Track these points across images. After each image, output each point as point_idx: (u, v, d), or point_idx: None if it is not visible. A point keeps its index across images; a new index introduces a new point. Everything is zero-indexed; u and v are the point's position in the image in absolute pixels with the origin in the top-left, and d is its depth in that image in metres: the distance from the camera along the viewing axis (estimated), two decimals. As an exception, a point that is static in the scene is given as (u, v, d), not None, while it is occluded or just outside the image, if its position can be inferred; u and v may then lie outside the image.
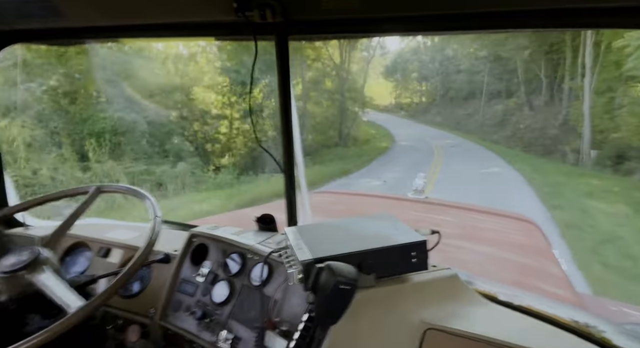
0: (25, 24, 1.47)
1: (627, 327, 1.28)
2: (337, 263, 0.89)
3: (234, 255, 1.31)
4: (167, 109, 12.23)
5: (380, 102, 38.41)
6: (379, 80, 40.56)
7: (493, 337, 0.88)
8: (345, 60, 22.16)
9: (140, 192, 1.33)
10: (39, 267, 1.10)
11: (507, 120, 22.30)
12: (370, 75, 35.18)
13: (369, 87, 35.25)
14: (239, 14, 1.12)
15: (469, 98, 27.65)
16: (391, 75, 39.53)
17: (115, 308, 1.41)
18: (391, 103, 39.56)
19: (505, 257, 2.31)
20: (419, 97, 36.84)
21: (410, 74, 36.67)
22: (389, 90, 40.39)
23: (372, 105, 34.50)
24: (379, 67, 39.61)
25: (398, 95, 39.61)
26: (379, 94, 38.82)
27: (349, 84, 22.89)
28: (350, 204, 3.43)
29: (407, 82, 37.98)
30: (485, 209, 3.29)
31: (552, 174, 12.92)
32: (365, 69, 29.88)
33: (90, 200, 1.34)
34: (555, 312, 1.06)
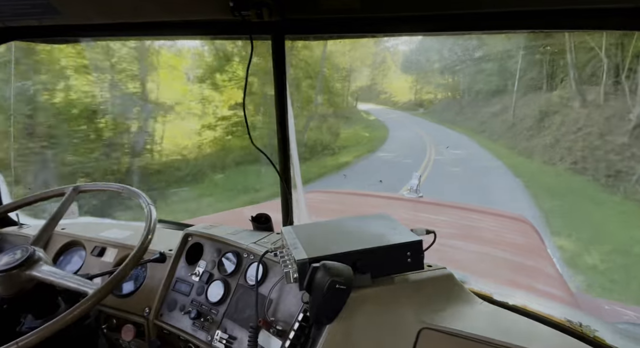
0: (21, 21, 1.46)
1: (620, 326, 1.29)
2: (333, 263, 0.89)
3: (229, 254, 1.30)
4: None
5: (399, 98, 34.30)
6: (399, 75, 35.79)
7: (488, 336, 0.88)
8: (326, 57, 19.44)
9: (132, 190, 1.33)
10: (36, 263, 1.09)
11: (547, 121, 15.03)
12: (391, 69, 33.35)
13: (389, 82, 33.90)
14: (235, 13, 1.12)
15: (498, 92, 21.01)
16: (410, 67, 33.27)
17: (109, 307, 1.40)
18: (411, 99, 33.92)
19: (500, 257, 2.32)
20: (443, 91, 30.56)
21: (432, 65, 29.48)
22: (409, 84, 34.91)
23: (390, 103, 33.15)
24: (400, 59, 34.44)
25: (419, 91, 33.70)
26: (400, 89, 34.74)
27: (333, 82, 20.37)
28: (346, 203, 3.44)
29: (429, 75, 31.35)
30: (480, 208, 3.30)
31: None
32: (374, 64, 28.49)
33: (68, 201, 1.34)
34: (549, 312, 1.07)
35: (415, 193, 3.41)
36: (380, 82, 35.02)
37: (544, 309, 1.08)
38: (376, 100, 34.35)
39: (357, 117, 23.88)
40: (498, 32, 1.11)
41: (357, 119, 23.45)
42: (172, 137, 10.35)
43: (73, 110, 8.16)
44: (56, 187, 1.40)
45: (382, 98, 34.64)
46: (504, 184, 10.04)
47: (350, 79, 24.25)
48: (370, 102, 33.42)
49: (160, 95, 10.35)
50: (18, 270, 1.07)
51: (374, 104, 33.30)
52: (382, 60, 32.40)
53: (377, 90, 35.32)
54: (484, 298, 1.09)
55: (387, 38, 23.64)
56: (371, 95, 34.54)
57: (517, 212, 3.29)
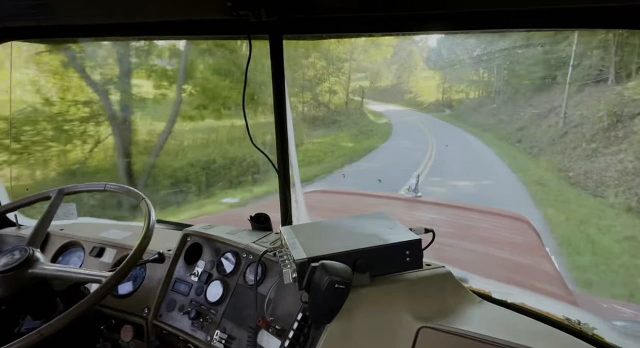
0: (19, 21, 1.45)
1: (618, 324, 1.30)
2: (332, 263, 0.89)
3: (228, 254, 1.30)
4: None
5: (425, 98, 29.77)
6: (426, 72, 30.88)
7: (486, 334, 0.88)
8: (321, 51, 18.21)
9: (134, 191, 1.33)
10: (36, 262, 1.10)
11: (622, 129, 9.40)
12: (418, 65, 30.34)
13: (415, 81, 30.69)
14: (233, 13, 1.12)
15: (543, 87, 15.40)
16: (437, 63, 27.85)
17: (108, 307, 1.40)
18: (438, 100, 29.17)
19: (498, 255, 2.33)
20: (476, 89, 25.60)
21: (463, 58, 23.04)
22: (437, 83, 29.77)
23: (414, 103, 29.47)
24: (427, 54, 30.16)
25: (447, 89, 28.91)
26: (426, 88, 30.31)
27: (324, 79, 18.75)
28: (345, 203, 3.44)
29: (459, 70, 25.84)
30: (478, 208, 3.31)
31: None
32: (399, 60, 26.29)
33: (55, 205, 1.34)
34: (547, 310, 1.07)
35: (413, 193, 3.41)
36: (406, 81, 32.05)
37: (542, 307, 1.08)
38: (401, 101, 31.43)
39: (357, 120, 20.33)
40: (498, 31, 1.12)
41: (354, 124, 19.81)
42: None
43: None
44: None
45: (407, 98, 31.46)
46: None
47: (351, 76, 22.65)
48: (394, 103, 30.78)
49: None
50: (18, 270, 1.07)
51: (397, 105, 30.62)
52: (408, 56, 30.05)
53: (402, 89, 32.19)
54: (483, 297, 1.09)
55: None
56: (396, 95, 31.80)
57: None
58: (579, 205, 7.38)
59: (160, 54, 9.44)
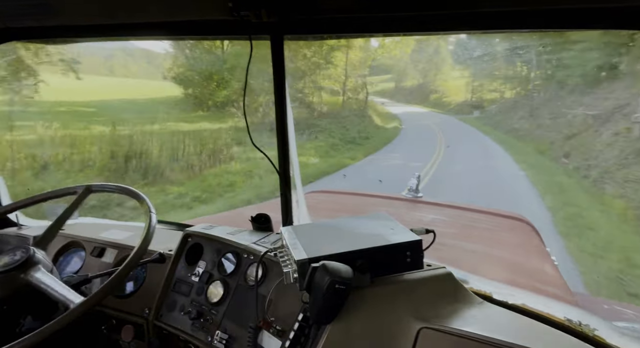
0: (20, 22, 1.46)
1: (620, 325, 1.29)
2: (332, 263, 0.89)
3: (229, 254, 1.30)
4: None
5: (453, 98, 26.73)
6: (455, 69, 27.72)
7: (487, 335, 0.88)
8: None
9: (134, 191, 1.33)
10: (33, 267, 1.09)
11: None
12: (446, 62, 27.05)
13: (443, 80, 27.83)
14: (234, 14, 1.12)
15: (602, 80, 11.21)
16: (465, 58, 23.81)
17: (109, 308, 1.40)
18: (467, 100, 25.40)
19: (499, 256, 2.32)
20: (513, 86, 21.08)
21: (494, 52, 17.87)
22: (466, 80, 26.21)
23: (440, 104, 26.82)
24: (456, 48, 26.43)
25: (477, 88, 24.77)
26: (454, 87, 27.26)
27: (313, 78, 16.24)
28: (346, 203, 3.44)
29: (489, 65, 20.27)
30: (479, 208, 3.30)
31: None
32: (426, 56, 23.81)
33: (79, 200, 1.34)
34: (548, 311, 1.07)
35: (414, 193, 3.41)
36: (432, 80, 29.27)
37: (543, 308, 1.08)
38: (425, 102, 28.41)
39: (351, 125, 16.64)
40: (497, 31, 1.12)
41: (343, 129, 15.85)
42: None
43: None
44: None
45: (433, 99, 28.46)
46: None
47: (374, 77, 22.05)
48: (418, 104, 27.98)
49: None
50: (14, 272, 1.07)
51: (420, 106, 27.74)
52: (435, 51, 27.19)
53: (428, 89, 29.32)
54: (484, 298, 1.09)
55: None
56: (420, 95, 28.95)
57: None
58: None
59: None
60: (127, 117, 11.08)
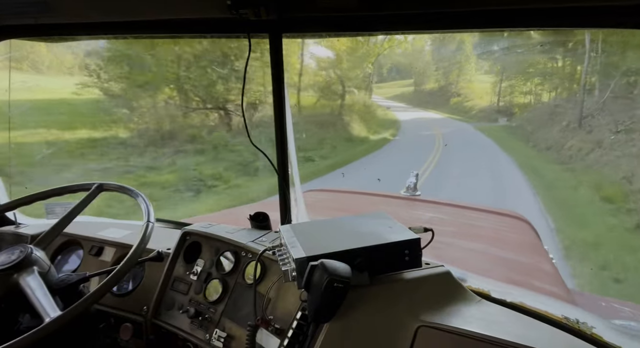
0: (17, 19, 1.45)
1: (617, 323, 1.30)
2: (331, 261, 0.89)
3: (228, 253, 1.30)
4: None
5: (476, 102, 22.42)
6: (481, 76, 23.62)
7: (485, 334, 0.88)
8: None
9: (132, 190, 1.33)
10: (28, 268, 1.09)
11: None
12: (470, 60, 23.03)
13: (467, 80, 23.93)
14: (232, 12, 1.12)
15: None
16: (489, 52, 19.21)
17: (107, 306, 1.40)
18: (492, 104, 21.43)
19: (497, 254, 2.33)
20: (553, 85, 16.59)
21: (528, 43, 13.87)
22: (494, 80, 21.97)
23: (460, 110, 22.60)
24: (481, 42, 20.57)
25: (507, 90, 20.13)
26: (479, 90, 22.91)
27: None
28: (344, 202, 3.44)
29: (522, 59, 16.58)
30: (477, 206, 3.31)
31: None
32: (446, 54, 20.68)
33: (90, 198, 1.33)
34: (546, 309, 1.07)
35: (412, 192, 3.41)
36: (455, 81, 25.11)
37: (541, 306, 1.08)
38: (444, 107, 24.48)
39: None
40: (498, 29, 1.11)
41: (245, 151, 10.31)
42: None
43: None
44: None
45: (453, 103, 24.17)
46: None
47: (394, 81, 20.35)
48: (436, 109, 24.51)
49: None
50: (9, 271, 1.07)
51: (438, 111, 24.20)
52: (458, 48, 22.87)
53: (449, 92, 25.14)
54: (482, 296, 1.09)
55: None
56: (440, 100, 25.21)
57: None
58: None
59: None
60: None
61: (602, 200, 6.38)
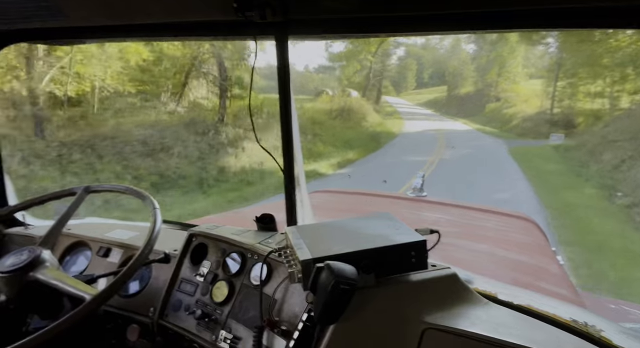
0: (26, 23, 1.47)
1: (627, 326, 1.28)
2: (337, 263, 0.89)
3: (234, 254, 1.31)
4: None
5: (521, 108, 17.74)
6: (524, 70, 19.63)
7: (492, 336, 0.88)
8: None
9: (139, 191, 1.34)
10: (40, 266, 1.10)
11: None
12: (515, 54, 18.43)
13: (511, 81, 19.48)
14: (239, 14, 1.12)
15: None
16: (537, 41, 15.91)
17: (114, 307, 1.41)
18: (544, 111, 16.28)
19: (504, 256, 2.31)
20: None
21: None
22: (546, 82, 17.52)
23: (498, 118, 18.19)
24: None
25: (565, 91, 15.32)
26: (526, 91, 18.62)
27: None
28: (350, 203, 3.44)
29: (586, 50, 11.58)
30: (484, 207, 3.29)
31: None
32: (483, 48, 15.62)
33: (78, 201, 1.35)
34: (554, 312, 1.06)
35: (419, 193, 3.40)
36: (494, 83, 20.01)
37: (549, 309, 1.07)
38: (478, 115, 19.51)
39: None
40: (499, 31, 1.11)
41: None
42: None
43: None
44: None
45: (489, 110, 19.72)
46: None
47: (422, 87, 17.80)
48: (468, 117, 19.59)
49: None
50: (22, 271, 1.08)
51: (467, 120, 19.25)
52: (499, 39, 18.40)
53: (486, 96, 20.44)
54: (489, 298, 1.08)
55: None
56: (475, 106, 20.63)
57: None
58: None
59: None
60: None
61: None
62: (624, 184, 6.52)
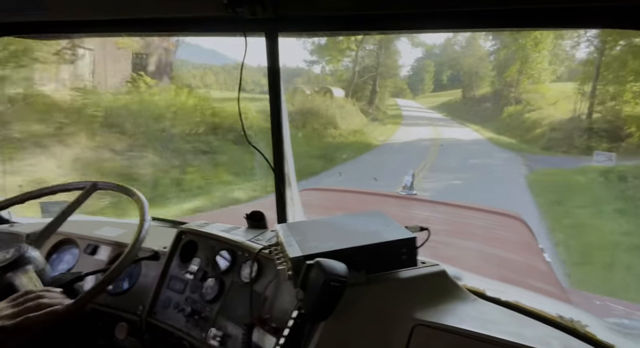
0: (12, 17, 1.44)
1: (611, 321, 1.31)
2: (327, 260, 0.89)
3: (224, 252, 1.30)
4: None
5: (547, 112, 14.89)
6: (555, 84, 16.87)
7: (480, 332, 0.89)
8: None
9: (129, 189, 1.33)
10: (23, 266, 1.08)
11: None
12: (542, 43, 15.43)
13: (534, 81, 16.96)
14: (229, 10, 1.11)
15: None
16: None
17: (103, 305, 1.39)
18: (579, 115, 12.83)
19: (492, 253, 2.34)
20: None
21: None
22: (585, 78, 13.39)
23: (512, 127, 15.48)
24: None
25: (611, 88, 11.46)
26: (556, 92, 15.69)
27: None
28: (341, 201, 3.44)
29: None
30: (472, 206, 3.32)
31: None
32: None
33: (84, 197, 1.33)
34: (541, 307, 1.08)
35: (409, 191, 3.42)
36: (515, 81, 17.14)
37: (536, 305, 1.09)
38: (494, 122, 17.23)
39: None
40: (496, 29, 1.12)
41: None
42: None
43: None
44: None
45: (506, 115, 16.84)
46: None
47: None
48: (483, 123, 16.89)
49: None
50: (2, 271, 1.06)
51: (481, 128, 16.82)
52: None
53: (505, 98, 17.90)
54: (477, 295, 1.10)
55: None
56: (491, 110, 18.04)
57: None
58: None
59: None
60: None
61: None
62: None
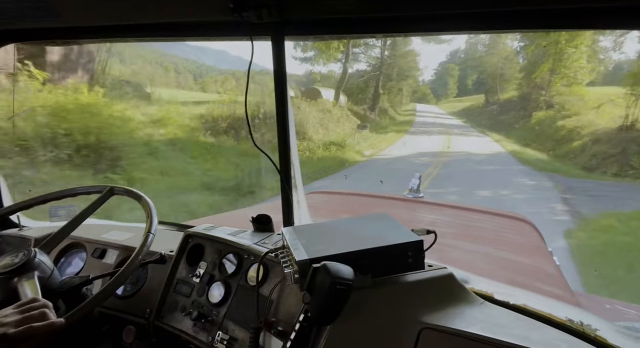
0: (22, 24, 1.46)
1: (622, 325, 1.29)
2: (334, 264, 0.89)
3: (230, 255, 1.30)
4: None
5: (584, 119, 12.46)
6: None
7: (489, 336, 0.88)
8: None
9: (136, 193, 1.34)
10: (29, 272, 1.08)
11: None
12: (576, 38, 13.86)
13: (570, 81, 15.02)
14: (235, 14, 1.12)
15: None
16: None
17: (110, 309, 1.40)
18: (632, 122, 10.25)
19: (500, 256, 2.32)
20: None
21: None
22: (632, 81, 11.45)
23: (545, 136, 13.48)
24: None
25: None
26: (597, 94, 13.94)
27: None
28: (347, 204, 3.43)
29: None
30: (481, 208, 3.30)
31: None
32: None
33: (100, 201, 1.33)
34: (550, 311, 1.06)
35: (415, 194, 3.41)
36: (545, 82, 15.60)
37: (545, 309, 1.08)
38: (519, 130, 15.43)
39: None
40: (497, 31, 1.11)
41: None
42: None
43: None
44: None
45: (537, 121, 15.11)
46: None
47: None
48: (507, 130, 15.28)
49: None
50: (8, 275, 1.06)
51: (503, 136, 15.24)
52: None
53: (534, 102, 16.02)
54: (485, 298, 1.09)
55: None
56: (518, 115, 16.33)
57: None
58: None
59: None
60: None
61: None
62: None
